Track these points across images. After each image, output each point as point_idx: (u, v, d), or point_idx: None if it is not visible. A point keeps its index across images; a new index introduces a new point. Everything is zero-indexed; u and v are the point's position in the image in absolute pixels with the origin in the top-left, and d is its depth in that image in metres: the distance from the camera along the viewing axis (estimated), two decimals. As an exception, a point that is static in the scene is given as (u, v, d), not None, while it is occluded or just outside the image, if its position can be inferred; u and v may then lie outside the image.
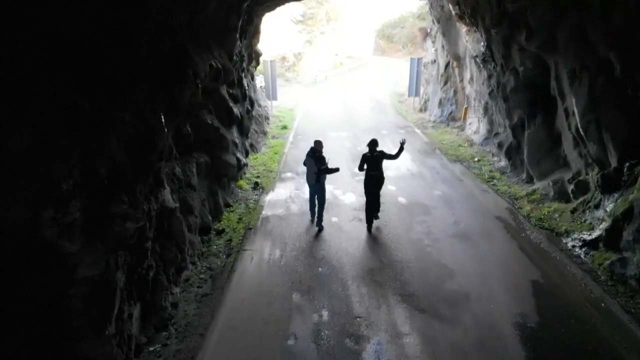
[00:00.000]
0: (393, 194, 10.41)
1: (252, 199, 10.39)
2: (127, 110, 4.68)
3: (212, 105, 8.92)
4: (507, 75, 11.18)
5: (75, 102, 3.64)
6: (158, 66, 5.61)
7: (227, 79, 8.85)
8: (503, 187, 11.04)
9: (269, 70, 20.64)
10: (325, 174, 8.35)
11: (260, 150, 14.68)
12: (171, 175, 6.88)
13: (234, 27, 8.90)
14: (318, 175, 8.31)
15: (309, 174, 8.56)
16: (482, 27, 11.31)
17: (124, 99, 4.61)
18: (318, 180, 8.40)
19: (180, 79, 6.11)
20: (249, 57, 13.42)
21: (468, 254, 7.55)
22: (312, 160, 8.36)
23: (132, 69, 4.89)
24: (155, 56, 5.53)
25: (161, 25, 5.61)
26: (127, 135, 4.63)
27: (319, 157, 8.30)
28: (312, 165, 8.37)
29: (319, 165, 8.20)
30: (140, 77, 5.07)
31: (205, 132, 8.62)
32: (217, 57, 8.12)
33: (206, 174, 8.94)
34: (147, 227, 5.43)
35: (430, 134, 17.24)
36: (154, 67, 5.50)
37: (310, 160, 8.43)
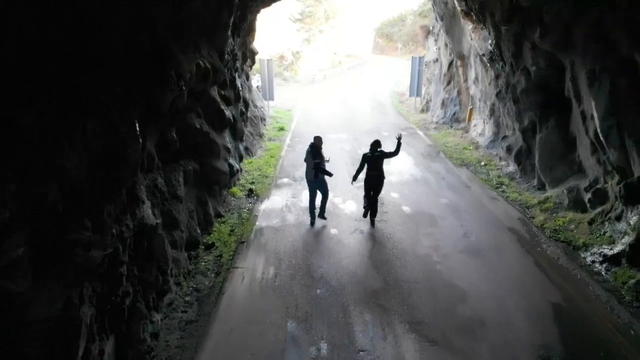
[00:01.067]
0: (396, 203, 9.74)
1: (246, 207, 9.70)
2: (91, 119, 3.98)
3: (201, 108, 8.22)
4: (517, 75, 10.51)
5: (11, 115, 2.94)
6: (134, 66, 4.92)
7: (217, 79, 8.15)
8: (513, 194, 10.38)
9: (266, 69, 19.93)
10: (319, 171, 8.30)
11: (256, 154, 13.99)
12: (152, 188, 6.19)
13: (224, 23, 8.20)
14: (316, 170, 8.29)
15: (308, 170, 8.53)
16: (490, 24, 10.63)
17: (86, 106, 3.92)
18: (317, 175, 8.36)
19: (160, 80, 5.42)
20: (244, 56, 12.71)
21: (481, 273, 6.88)
22: (311, 156, 8.38)
23: (99, 70, 4.19)
24: (130, 55, 4.84)
25: (137, 20, 4.91)
26: (90, 149, 3.93)
27: (316, 152, 8.31)
28: (311, 161, 8.36)
29: (315, 159, 8.22)
30: (110, 79, 4.38)
31: (194, 137, 7.93)
32: (205, 56, 7.42)
33: (195, 183, 8.25)
34: (120, 251, 4.75)
35: (433, 136, 16.57)
36: (129, 67, 4.81)
37: (310, 156, 8.41)
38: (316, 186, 8.53)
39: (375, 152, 8.35)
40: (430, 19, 22.88)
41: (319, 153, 8.34)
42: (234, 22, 9.61)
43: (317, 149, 8.37)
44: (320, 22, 48.03)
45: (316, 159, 8.22)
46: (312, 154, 8.34)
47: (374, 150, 8.35)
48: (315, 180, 8.43)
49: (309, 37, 47.59)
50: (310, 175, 8.46)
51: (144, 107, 5.21)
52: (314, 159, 8.23)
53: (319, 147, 8.44)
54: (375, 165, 8.35)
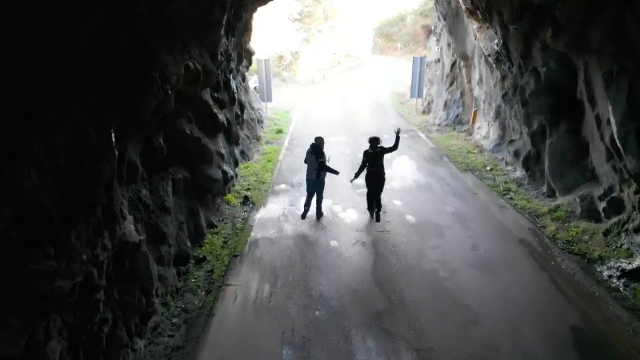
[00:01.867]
0: (400, 211, 9.23)
1: (241, 216, 9.18)
2: (56, 129, 3.47)
3: (192, 113, 7.71)
4: (526, 76, 10.01)
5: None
6: (110, 68, 4.40)
7: (209, 81, 7.64)
8: (522, 202, 9.88)
9: (264, 70, 19.40)
10: (324, 170, 8.47)
11: (253, 158, 13.47)
12: (136, 201, 5.68)
13: (217, 22, 7.68)
14: (318, 171, 8.44)
15: (309, 170, 8.60)
16: (497, 23, 10.12)
17: (48, 116, 3.41)
18: (318, 176, 8.52)
19: (141, 84, 4.90)
20: (239, 57, 12.20)
21: (492, 291, 6.38)
22: (313, 156, 8.44)
23: (66, 72, 3.68)
24: (105, 55, 4.32)
25: (114, 16, 4.40)
26: (55, 165, 3.42)
27: (319, 153, 8.43)
28: (313, 161, 8.45)
29: (319, 159, 8.36)
30: (80, 82, 3.87)
31: (183, 144, 7.42)
32: (196, 57, 6.90)
33: (185, 192, 7.74)
34: (94, 275, 4.24)
35: (435, 139, 16.06)
36: (104, 69, 4.29)
37: (311, 157, 8.48)
38: (315, 186, 8.63)
39: (376, 149, 8.47)
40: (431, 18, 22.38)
41: (322, 153, 8.45)
42: (227, 21, 9.08)
43: (319, 149, 8.47)
44: (319, 22, 47.52)
45: (320, 158, 8.36)
46: (315, 154, 8.41)
47: (374, 147, 8.47)
48: (316, 181, 8.55)
49: (308, 37, 47.08)
50: (311, 175, 8.52)
51: (124, 113, 4.70)
52: (318, 158, 8.34)
53: (321, 147, 8.53)
54: (376, 161, 8.46)
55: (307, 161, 8.60)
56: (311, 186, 8.67)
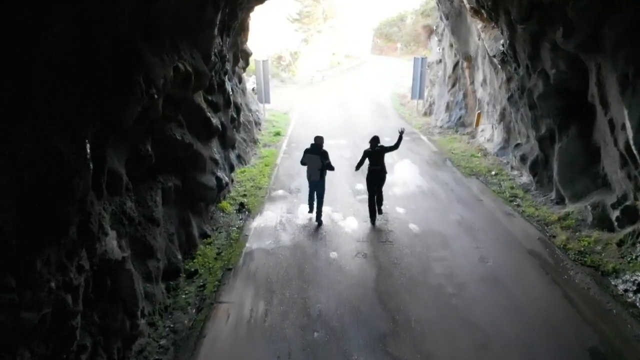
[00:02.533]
0: (403, 220, 8.81)
1: (236, 225, 8.76)
2: (17, 142, 3.05)
3: (184, 117, 7.28)
4: (533, 78, 9.60)
5: None
6: (87, 71, 3.98)
7: (201, 84, 7.22)
8: (529, 209, 9.46)
9: (261, 71, 18.98)
10: (329, 169, 8.47)
11: (249, 162, 13.05)
12: (119, 214, 5.25)
13: (210, 21, 7.26)
14: (323, 171, 8.37)
15: (312, 171, 8.42)
16: (504, 22, 9.71)
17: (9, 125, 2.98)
18: (322, 176, 8.45)
19: (123, 88, 4.48)
20: (235, 57, 11.77)
21: (504, 309, 5.95)
22: (317, 157, 8.30)
23: (31, 74, 3.26)
24: (81, 56, 3.90)
25: (91, 13, 3.97)
26: (15, 183, 3.00)
27: (324, 153, 8.34)
28: (317, 162, 8.29)
29: (325, 160, 8.29)
30: (49, 86, 3.44)
31: (174, 150, 6.99)
32: (186, 58, 6.48)
33: (176, 201, 7.31)
34: (67, 302, 3.81)
35: (438, 142, 15.65)
36: (79, 71, 3.87)
37: (314, 157, 8.33)
38: (318, 186, 8.53)
39: (376, 147, 8.50)
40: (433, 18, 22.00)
41: (326, 153, 8.39)
42: (222, 20, 8.66)
43: (321, 149, 8.37)
44: (319, 22, 47.12)
45: (326, 159, 8.32)
46: (318, 155, 8.31)
47: (374, 146, 8.50)
48: (320, 181, 8.46)
49: (307, 38, 46.67)
50: (315, 176, 8.38)
51: (104, 120, 4.27)
52: (323, 159, 8.29)
53: (322, 147, 8.42)
54: (376, 160, 8.52)
55: (308, 162, 8.44)
56: (313, 186, 8.56)
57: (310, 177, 8.47)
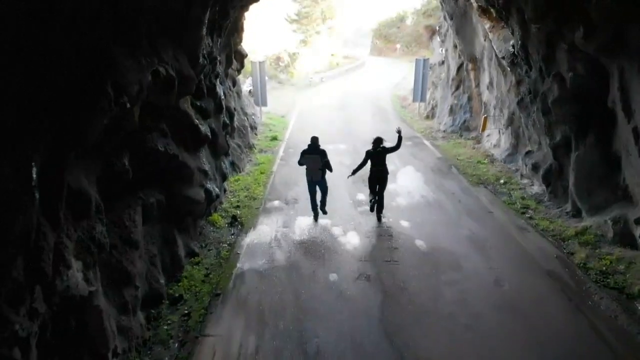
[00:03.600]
0: (408, 235, 8.13)
1: (227, 241, 8.07)
2: None
3: (168, 126, 6.60)
4: (548, 82, 8.93)
5: None
6: (39, 78, 3.30)
7: (187, 89, 6.54)
8: (543, 223, 8.80)
9: (258, 72, 18.30)
10: (328, 169, 8.56)
11: (244, 169, 12.37)
12: (87, 242, 4.55)
13: (196, 20, 6.58)
14: (323, 170, 8.49)
15: (312, 171, 8.49)
16: (516, 21, 9.05)
17: None
18: (323, 176, 8.56)
19: (85, 97, 3.79)
20: (228, 59, 11.08)
21: (525, 344, 5.27)
22: (317, 156, 8.38)
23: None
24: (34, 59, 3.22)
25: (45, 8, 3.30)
26: None
27: (323, 152, 8.45)
28: (317, 161, 8.39)
29: (325, 159, 8.41)
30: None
31: (156, 162, 6.31)
32: (168, 61, 5.80)
33: (160, 218, 6.63)
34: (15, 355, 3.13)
35: (442, 147, 14.98)
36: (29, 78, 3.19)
37: (314, 157, 8.40)
38: (320, 184, 8.63)
39: (378, 149, 8.56)
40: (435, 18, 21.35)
41: (325, 152, 8.48)
42: (212, 19, 7.98)
43: (319, 148, 8.45)
44: (317, 22, 46.52)
45: (325, 158, 8.41)
46: (319, 154, 8.38)
47: (376, 147, 8.57)
48: (321, 180, 8.57)
49: (305, 38, 46.07)
50: (317, 176, 8.48)
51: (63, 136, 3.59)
52: (323, 158, 8.38)
53: (319, 146, 8.51)
54: (378, 161, 8.59)
55: (307, 163, 8.47)
56: (313, 187, 8.62)
57: (312, 178, 8.51)
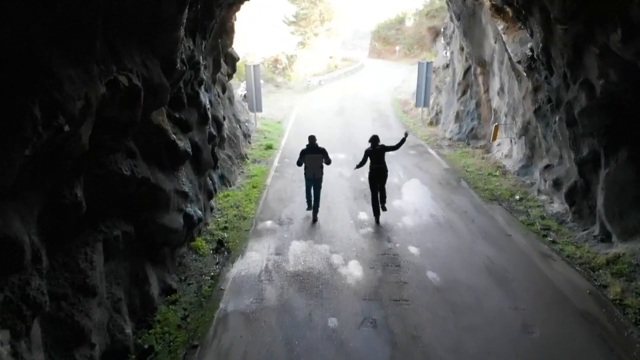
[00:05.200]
0: (418, 265, 7.12)
1: (210, 272, 7.04)
2: None
3: (137, 143, 5.58)
4: (573, 89, 7.96)
5: None
6: None
7: (158, 100, 5.54)
8: (569, 248, 7.81)
9: (252, 76, 17.31)
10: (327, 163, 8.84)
11: (235, 183, 11.35)
12: (16, 302, 3.52)
13: (172, 19, 5.57)
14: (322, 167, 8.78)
15: (314, 169, 8.75)
16: (537, 22, 8.08)
17: None
18: (322, 173, 8.86)
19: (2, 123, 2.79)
20: (216, 64, 10.08)
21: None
22: (319, 156, 8.69)
23: None
24: None
25: None
26: None
27: (324, 150, 8.78)
28: (319, 160, 8.70)
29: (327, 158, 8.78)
30: None
31: (122, 188, 5.29)
32: (133, 68, 4.80)
33: (128, 253, 5.61)
34: None
35: (448, 157, 14.00)
36: None
37: (316, 156, 8.68)
38: (319, 182, 8.87)
39: (377, 146, 8.79)
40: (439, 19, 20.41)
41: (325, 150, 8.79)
42: (194, 19, 7.00)
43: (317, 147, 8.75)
44: (316, 24, 45.67)
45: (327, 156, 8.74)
46: (320, 153, 8.71)
47: (375, 145, 8.80)
48: (320, 178, 8.84)
49: (303, 40, 45.18)
50: (318, 173, 8.77)
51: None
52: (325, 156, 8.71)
53: (317, 144, 8.81)
54: (377, 159, 8.81)
55: (309, 162, 8.71)
56: (315, 184, 8.84)
57: (314, 175, 8.75)
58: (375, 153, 8.76)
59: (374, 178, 8.82)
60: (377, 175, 8.80)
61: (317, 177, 8.79)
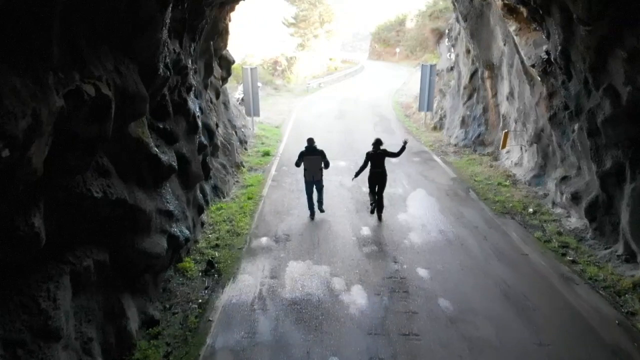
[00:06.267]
0: (428, 290, 6.44)
1: (198, 299, 6.36)
2: None
3: (112, 160, 4.92)
4: (596, 96, 7.30)
5: None
6: None
7: (135, 111, 4.89)
8: (591, 269, 7.15)
9: (249, 80, 16.64)
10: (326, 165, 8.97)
11: (229, 193, 10.69)
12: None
13: (151, 18, 4.91)
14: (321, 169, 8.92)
15: (313, 171, 8.86)
16: (557, 22, 7.43)
17: None
18: (321, 174, 9.00)
19: None
20: (207, 67, 9.42)
21: None
22: (317, 157, 8.82)
23: None
24: None
25: None
26: None
27: (322, 152, 8.89)
28: (318, 162, 8.83)
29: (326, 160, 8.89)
30: None
31: (93, 212, 4.62)
32: (103, 75, 4.14)
33: (102, 283, 4.95)
34: None
35: (455, 165, 13.34)
36: None
37: (315, 158, 8.81)
38: (319, 183, 9.03)
39: (378, 150, 8.87)
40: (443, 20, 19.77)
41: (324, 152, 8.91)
42: (180, 19, 6.34)
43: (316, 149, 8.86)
44: (315, 26, 45.12)
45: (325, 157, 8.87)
46: (320, 155, 8.83)
47: (377, 148, 8.88)
48: (320, 179, 8.99)
49: (303, 42, 44.60)
50: (318, 175, 8.90)
51: None
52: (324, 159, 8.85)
53: (316, 146, 8.92)
54: (378, 162, 8.87)
55: (308, 164, 8.83)
56: (312, 186, 8.95)
57: (314, 177, 8.86)
58: (377, 156, 8.85)
59: (374, 182, 8.93)
60: (376, 179, 8.89)
61: (317, 179, 8.90)
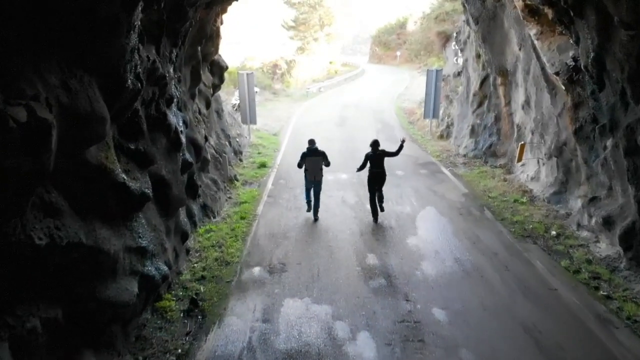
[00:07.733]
0: (448, 339, 5.48)
1: (178, 348, 5.40)
2: None
3: (65, 195, 3.99)
4: (636, 110, 6.39)
5: None
6: None
7: (91, 135, 3.96)
8: (629, 307, 6.22)
9: (246, 86, 15.74)
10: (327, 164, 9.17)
11: (221, 212, 9.76)
12: None
13: (114, 19, 3.99)
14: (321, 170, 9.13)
15: (314, 171, 9.08)
16: (590, 26, 6.52)
17: None
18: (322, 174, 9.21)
19: None
20: (194, 75, 8.50)
21: None
22: (319, 158, 9.03)
23: None
24: None
25: None
26: None
27: (324, 153, 9.08)
28: (319, 163, 9.04)
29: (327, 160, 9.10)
30: None
31: (38, 261, 3.68)
32: (41, 94, 3.22)
33: (55, 345, 4.01)
34: None
35: (465, 177, 12.42)
36: None
37: (316, 159, 9.02)
38: (320, 184, 9.19)
39: (377, 151, 9.04)
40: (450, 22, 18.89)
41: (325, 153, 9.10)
42: (158, 22, 5.43)
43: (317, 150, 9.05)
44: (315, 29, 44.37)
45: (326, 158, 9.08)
46: (321, 156, 9.04)
47: (375, 149, 9.03)
48: (320, 180, 9.17)
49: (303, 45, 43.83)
50: (319, 175, 9.12)
51: None
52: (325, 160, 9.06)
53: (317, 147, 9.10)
54: (377, 163, 9.06)
55: (307, 164, 9.02)
56: (315, 186, 9.14)
57: (315, 177, 9.07)
58: (376, 158, 9.01)
59: (373, 181, 9.11)
60: (375, 179, 9.10)
61: (318, 179, 9.11)
